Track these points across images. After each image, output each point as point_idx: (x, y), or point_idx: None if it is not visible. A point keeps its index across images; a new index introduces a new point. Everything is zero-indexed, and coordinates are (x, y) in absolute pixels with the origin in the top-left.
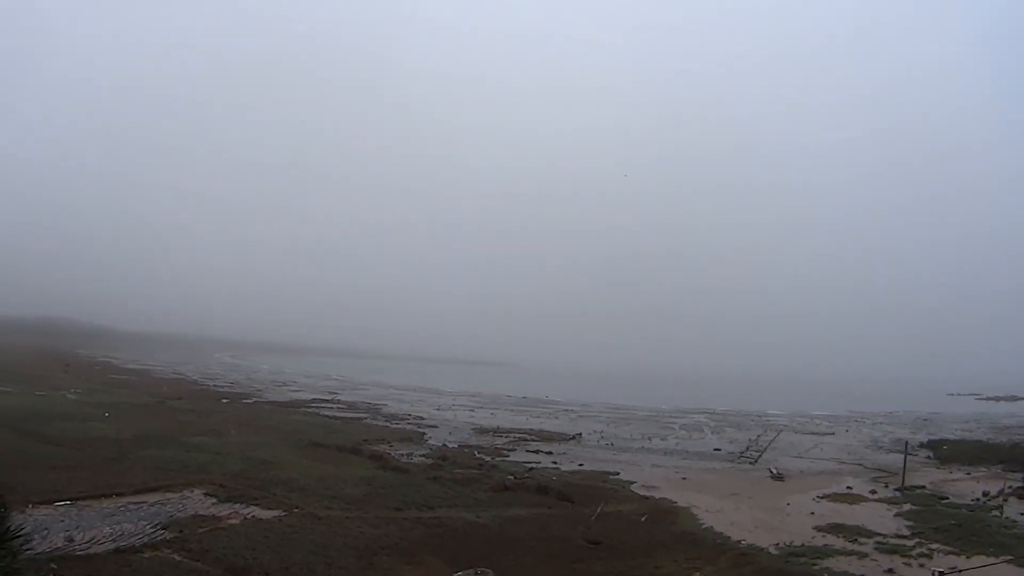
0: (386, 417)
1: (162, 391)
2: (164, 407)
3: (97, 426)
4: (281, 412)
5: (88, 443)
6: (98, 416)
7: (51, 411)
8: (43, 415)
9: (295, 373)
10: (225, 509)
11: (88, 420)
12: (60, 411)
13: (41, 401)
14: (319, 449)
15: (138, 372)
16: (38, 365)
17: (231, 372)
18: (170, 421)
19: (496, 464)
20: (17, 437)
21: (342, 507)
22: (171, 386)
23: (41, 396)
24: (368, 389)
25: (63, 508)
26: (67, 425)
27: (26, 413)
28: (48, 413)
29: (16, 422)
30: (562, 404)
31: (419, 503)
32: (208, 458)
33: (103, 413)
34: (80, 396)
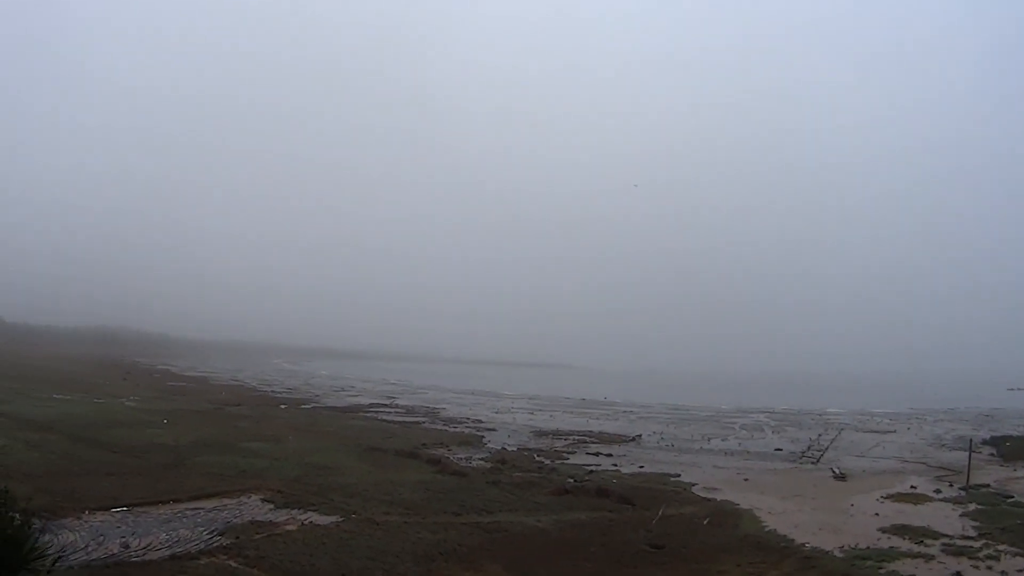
0: (444, 421)
1: (220, 397)
2: (222, 413)
3: (155, 433)
4: (339, 417)
5: (146, 450)
6: (156, 423)
7: (109, 418)
8: (101, 422)
9: (353, 378)
10: (282, 515)
11: (146, 427)
12: (118, 418)
13: (99, 409)
14: (377, 454)
15: (196, 379)
16: (97, 374)
17: (289, 378)
18: (228, 427)
19: (556, 467)
20: (75, 444)
21: (400, 512)
22: (229, 392)
23: (100, 404)
24: (426, 393)
25: (119, 514)
26: (125, 432)
27: (84, 421)
28: (106, 420)
29: (74, 430)
30: (621, 405)
31: (478, 507)
32: (266, 464)
33: (161, 420)
34: (138, 403)
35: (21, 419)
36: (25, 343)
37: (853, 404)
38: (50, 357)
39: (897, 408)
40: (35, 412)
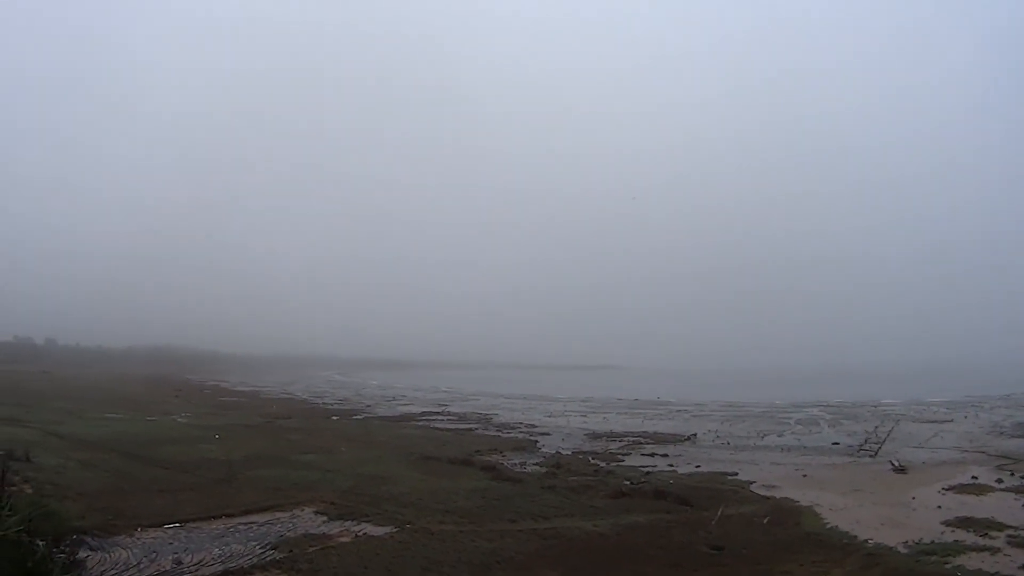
0: (497, 427)
1: (271, 411)
2: (273, 427)
3: (207, 448)
4: (391, 427)
5: (198, 465)
6: (208, 438)
7: (161, 435)
8: (154, 439)
9: (404, 387)
10: (336, 527)
11: (198, 443)
12: (170, 435)
13: (152, 426)
14: (430, 462)
15: (247, 394)
16: (149, 392)
17: (340, 389)
18: (280, 440)
19: (611, 470)
20: (128, 462)
21: (455, 521)
22: (280, 406)
23: (152, 421)
24: (478, 399)
25: (172, 530)
26: (177, 448)
27: (137, 439)
28: (158, 437)
29: (127, 447)
30: (675, 404)
31: (534, 514)
32: (318, 476)
33: (213, 435)
34: (190, 419)
35: (75, 439)
36: (78, 365)
37: (907, 394)
38: (103, 377)
39: (952, 396)
40: (88, 432)
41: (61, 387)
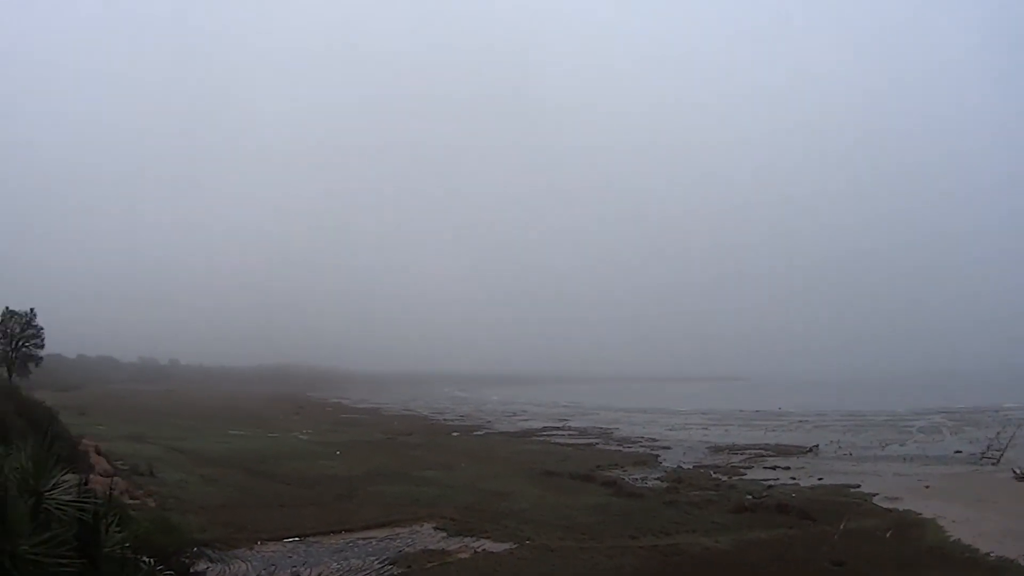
0: (618, 441)
1: (392, 427)
2: (394, 443)
3: (328, 464)
4: (512, 442)
5: (318, 481)
6: (329, 455)
7: (283, 452)
8: (275, 456)
9: (524, 402)
10: (455, 543)
11: (319, 459)
12: (292, 451)
13: (274, 443)
14: (551, 478)
15: (368, 411)
16: (271, 409)
17: (460, 405)
18: (400, 457)
19: (733, 483)
20: (249, 478)
21: (575, 537)
22: (401, 422)
23: (274, 438)
24: (598, 413)
25: (291, 544)
26: (298, 464)
27: (259, 455)
28: (280, 454)
29: (249, 463)
30: (796, 415)
31: (655, 529)
32: (438, 492)
33: (334, 452)
34: (312, 436)
35: (198, 455)
36: (201, 384)
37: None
38: (225, 396)
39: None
40: (211, 448)
41: (184, 405)
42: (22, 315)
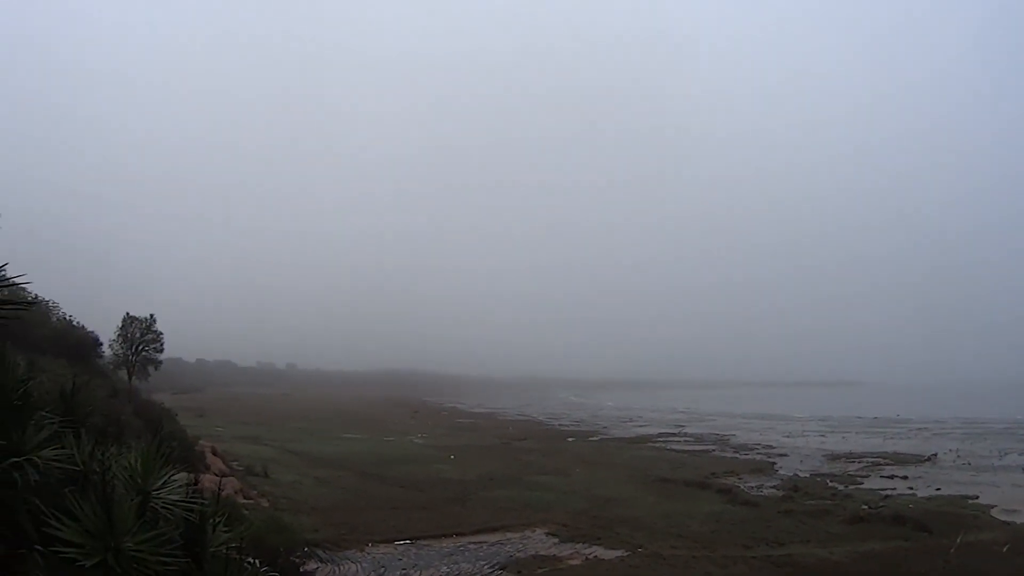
0: (734, 448)
1: (507, 433)
2: (509, 448)
3: (441, 468)
4: (627, 448)
5: (431, 485)
6: (442, 459)
7: (397, 455)
8: (389, 459)
9: (640, 408)
10: (567, 549)
11: (432, 463)
12: (406, 455)
13: (388, 446)
14: (665, 485)
15: (483, 416)
16: (386, 413)
17: (575, 411)
18: (514, 461)
19: (849, 493)
20: (362, 480)
21: (688, 546)
22: (516, 427)
23: (388, 442)
24: (714, 420)
25: (402, 547)
26: (412, 468)
27: (373, 458)
28: (394, 457)
29: (363, 466)
30: (914, 422)
31: (769, 539)
32: (551, 497)
33: (448, 456)
34: (426, 440)
35: (312, 457)
36: (317, 387)
37: None
38: (341, 399)
39: None
40: (326, 451)
41: (300, 408)
42: (142, 320)
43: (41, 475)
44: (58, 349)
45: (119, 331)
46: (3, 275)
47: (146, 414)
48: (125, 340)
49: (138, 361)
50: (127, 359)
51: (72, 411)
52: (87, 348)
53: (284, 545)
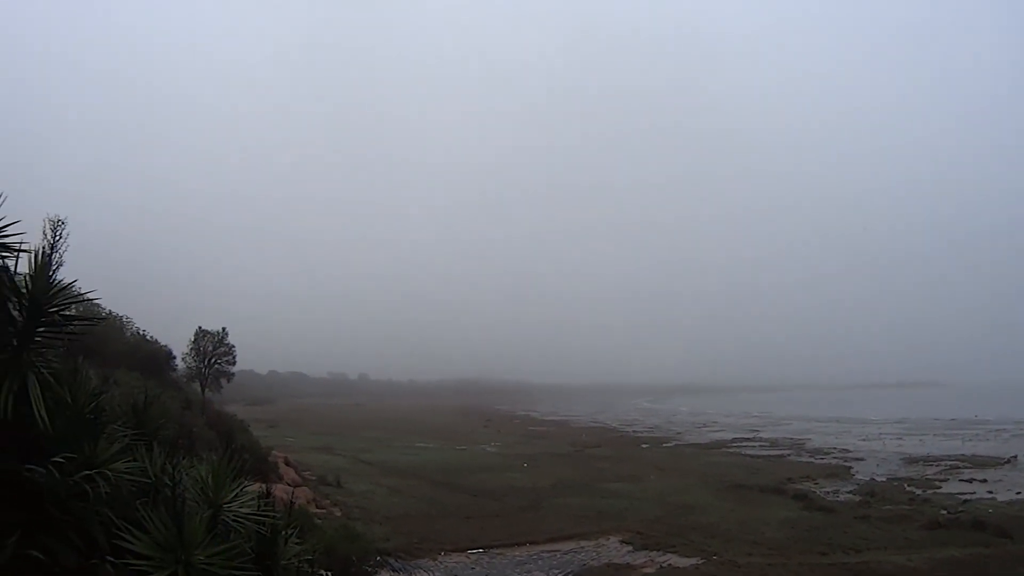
0: (809, 452)
1: (580, 440)
2: (582, 455)
3: (514, 476)
4: (701, 454)
5: (504, 493)
6: (515, 467)
7: (470, 464)
8: (462, 468)
9: (714, 413)
10: (640, 557)
11: (505, 471)
12: (478, 464)
13: (461, 455)
14: (740, 491)
15: (556, 423)
16: (459, 422)
17: (649, 417)
18: (587, 469)
19: (927, 497)
20: (435, 489)
21: (763, 553)
22: (589, 435)
23: (461, 451)
24: (789, 423)
25: (475, 556)
26: (484, 477)
27: (445, 467)
28: (467, 466)
29: (436, 475)
30: (993, 423)
31: (846, 546)
32: (625, 504)
33: (521, 464)
34: (499, 449)
35: (385, 467)
36: (389, 397)
37: None
38: (413, 409)
39: None
40: (398, 460)
41: (372, 418)
42: (214, 334)
43: (113, 487)
44: (131, 363)
45: (192, 345)
46: (75, 291)
47: (219, 425)
48: (198, 353)
49: (211, 374)
50: (200, 372)
51: (144, 424)
52: (160, 362)
53: (356, 554)
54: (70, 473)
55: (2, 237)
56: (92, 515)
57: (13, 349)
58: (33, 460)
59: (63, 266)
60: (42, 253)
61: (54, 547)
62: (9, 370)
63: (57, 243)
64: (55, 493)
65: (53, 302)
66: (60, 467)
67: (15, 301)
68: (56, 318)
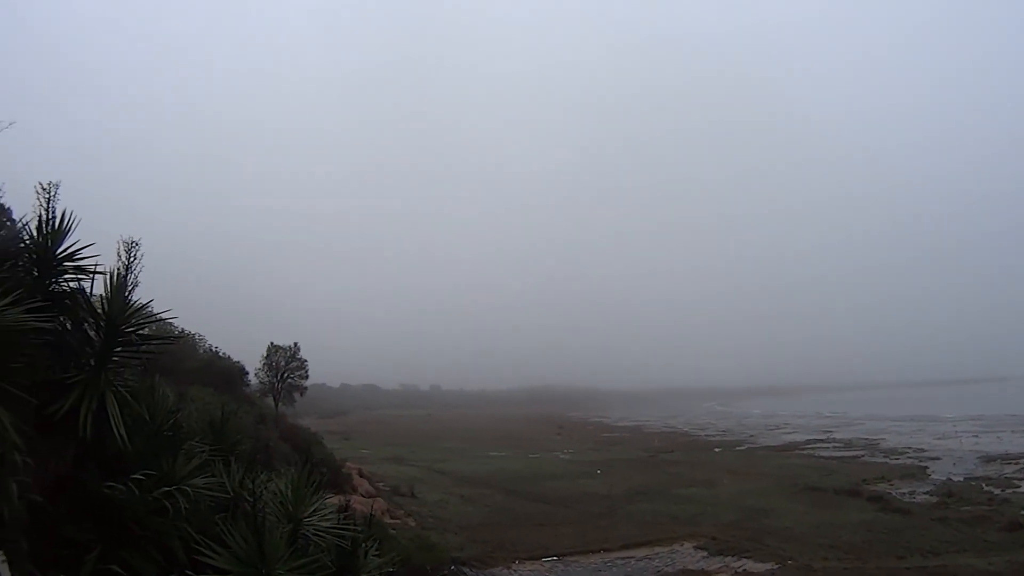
0: (884, 452)
1: (653, 445)
2: (655, 460)
3: (587, 483)
4: (774, 456)
5: (577, 500)
6: (589, 474)
7: (543, 471)
8: (535, 476)
9: (786, 414)
10: (715, 563)
11: (578, 478)
12: (551, 471)
13: (534, 463)
14: (815, 493)
15: (629, 429)
16: (531, 430)
17: (721, 420)
18: (660, 474)
19: (1007, 497)
20: (508, 497)
21: (839, 557)
22: (662, 439)
23: (533, 459)
24: (863, 424)
25: (549, 563)
26: (557, 484)
27: (518, 475)
28: (540, 473)
29: (509, 483)
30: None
31: (923, 549)
32: (699, 509)
33: (594, 471)
34: (572, 456)
35: (458, 476)
36: (461, 407)
37: None
38: (485, 418)
39: None
40: (471, 469)
41: (445, 428)
42: (287, 349)
43: (192, 503)
44: (205, 379)
45: (264, 360)
46: (150, 311)
47: (293, 439)
48: (271, 368)
49: (283, 388)
50: (273, 386)
51: (221, 439)
52: (233, 377)
53: (431, 563)
54: (149, 489)
55: (77, 260)
56: (171, 530)
57: (91, 369)
58: (113, 477)
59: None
60: (117, 274)
61: (134, 562)
62: (88, 390)
63: (132, 264)
64: (135, 509)
65: (130, 322)
66: (139, 484)
67: (92, 322)
68: (133, 338)
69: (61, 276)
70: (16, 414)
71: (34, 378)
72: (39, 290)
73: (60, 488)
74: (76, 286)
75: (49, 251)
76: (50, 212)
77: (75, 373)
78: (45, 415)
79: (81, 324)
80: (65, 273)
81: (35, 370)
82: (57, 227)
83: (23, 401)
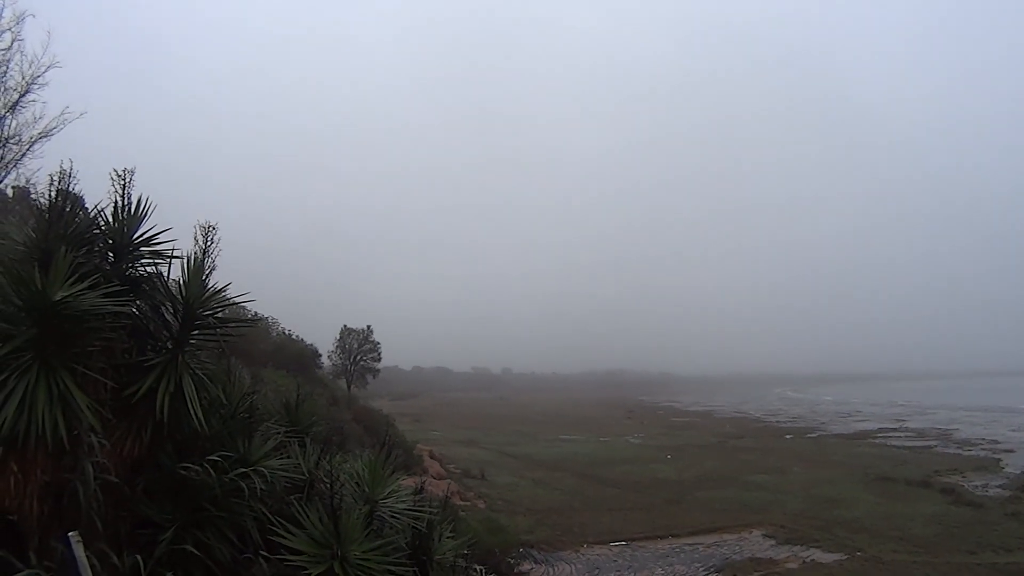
0: (957, 443)
1: (724, 431)
2: (725, 447)
3: (658, 468)
4: (845, 445)
5: (648, 485)
6: (660, 459)
7: (613, 456)
8: (605, 460)
9: (859, 402)
10: (783, 552)
11: (649, 463)
12: (622, 456)
13: (604, 447)
14: (886, 483)
15: (700, 414)
16: (602, 414)
17: (793, 407)
18: (731, 460)
19: None
20: (579, 481)
21: (909, 550)
22: (733, 425)
23: (604, 443)
24: (936, 413)
25: (617, 548)
26: (628, 468)
27: (589, 459)
28: (610, 458)
29: (580, 467)
30: None
31: (995, 545)
32: (769, 497)
33: (665, 456)
34: (643, 440)
35: (529, 459)
36: (532, 391)
37: None
38: (556, 402)
39: None
40: (542, 453)
41: (515, 412)
42: (359, 332)
43: (267, 484)
44: (278, 362)
45: (337, 343)
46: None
47: (365, 420)
48: (343, 351)
49: (356, 370)
50: (346, 368)
51: (296, 421)
52: (306, 359)
53: (500, 546)
54: (225, 471)
55: (154, 244)
56: (246, 511)
57: (169, 352)
58: (188, 459)
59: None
60: (195, 258)
61: (208, 542)
62: (166, 372)
63: (209, 248)
64: (210, 490)
65: (206, 305)
66: (215, 465)
67: (169, 306)
68: (209, 321)
69: (138, 261)
70: (94, 396)
71: (111, 361)
72: (116, 275)
73: (136, 469)
74: (153, 270)
75: (125, 236)
76: (126, 198)
77: (152, 356)
78: (123, 397)
79: (158, 308)
80: (142, 258)
81: (112, 353)
82: (133, 213)
83: (100, 384)
